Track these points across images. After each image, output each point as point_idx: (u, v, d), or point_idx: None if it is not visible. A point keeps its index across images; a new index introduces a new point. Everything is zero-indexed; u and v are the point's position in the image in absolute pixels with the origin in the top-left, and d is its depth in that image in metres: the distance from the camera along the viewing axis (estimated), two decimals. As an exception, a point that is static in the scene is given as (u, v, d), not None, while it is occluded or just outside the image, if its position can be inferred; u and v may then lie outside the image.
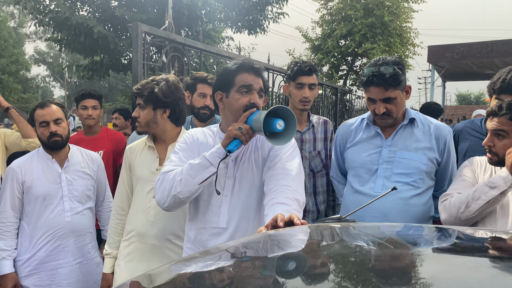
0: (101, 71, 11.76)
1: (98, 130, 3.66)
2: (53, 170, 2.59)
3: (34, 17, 10.44)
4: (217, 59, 4.81)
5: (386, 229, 1.15)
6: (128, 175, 2.27)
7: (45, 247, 2.51)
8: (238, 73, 1.72)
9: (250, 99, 1.69)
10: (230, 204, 1.71)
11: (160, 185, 1.69)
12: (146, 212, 2.13)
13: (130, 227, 2.19)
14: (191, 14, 9.99)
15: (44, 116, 2.55)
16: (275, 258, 0.90)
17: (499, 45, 14.54)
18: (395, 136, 2.16)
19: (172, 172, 1.70)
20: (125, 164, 2.28)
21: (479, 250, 0.92)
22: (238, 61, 1.78)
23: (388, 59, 2.06)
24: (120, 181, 2.31)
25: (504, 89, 2.16)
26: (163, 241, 2.12)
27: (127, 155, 2.28)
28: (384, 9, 17.26)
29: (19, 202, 2.54)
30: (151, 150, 2.21)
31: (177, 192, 1.62)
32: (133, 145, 2.29)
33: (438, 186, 2.22)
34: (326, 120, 2.87)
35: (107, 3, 11.16)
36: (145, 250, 2.13)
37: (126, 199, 2.28)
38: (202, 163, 1.61)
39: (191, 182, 1.60)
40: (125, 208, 2.28)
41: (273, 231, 1.12)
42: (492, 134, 1.80)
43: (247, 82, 1.70)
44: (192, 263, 0.92)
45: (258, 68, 1.76)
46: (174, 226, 2.13)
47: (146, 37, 3.45)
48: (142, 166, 2.19)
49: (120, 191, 2.30)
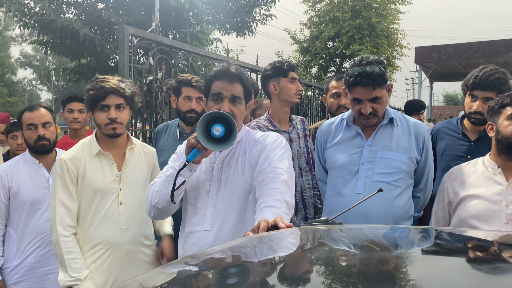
0: (88, 74, 11.67)
1: (84, 134, 3.62)
2: (40, 175, 2.55)
3: (19, 20, 10.32)
4: (205, 61, 4.79)
5: (373, 231, 1.15)
6: (74, 189, 2.07)
7: (34, 253, 2.47)
8: (213, 80, 1.75)
9: (220, 107, 1.72)
10: (214, 207, 1.72)
11: (147, 197, 1.78)
12: (116, 221, 2.09)
13: (96, 240, 2.06)
14: (178, 16, 9.97)
15: (33, 119, 2.51)
16: (261, 262, 0.89)
17: (484, 45, 14.80)
18: (376, 136, 2.17)
19: (154, 183, 1.77)
20: (69, 177, 2.06)
21: (464, 251, 0.93)
22: (218, 67, 1.78)
23: (371, 58, 2.05)
24: (62, 196, 2.05)
25: (476, 85, 2.25)
26: (136, 245, 2.14)
27: (68, 167, 2.06)
28: (372, 11, 17.43)
29: (5, 208, 2.49)
30: (103, 157, 2.12)
31: (155, 203, 1.71)
32: (71, 155, 2.09)
33: (416, 184, 2.24)
34: (303, 119, 2.98)
35: (93, 5, 11.09)
36: (117, 258, 2.09)
37: (75, 215, 2.08)
38: (172, 173, 1.66)
39: (165, 192, 1.67)
40: (75, 225, 2.08)
41: (260, 234, 1.11)
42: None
43: (217, 90, 1.73)
44: (173, 268, 0.91)
45: (234, 74, 1.74)
46: (144, 229, 2.19)
47: (133, 40, 3.42)
48: (98, 176, 2.08)
49: (67, 207, 2.05)
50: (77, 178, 2.08)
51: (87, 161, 2.09)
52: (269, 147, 1.74)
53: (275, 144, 1.74)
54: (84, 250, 2.07)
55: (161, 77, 3.74)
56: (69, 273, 1.98)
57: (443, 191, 2.05)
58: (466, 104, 2.35)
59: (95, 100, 2.05)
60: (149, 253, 2.23)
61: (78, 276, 1.98)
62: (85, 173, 2.08)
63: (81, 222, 2.09)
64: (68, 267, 1.99)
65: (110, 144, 2.15)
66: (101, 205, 2.08)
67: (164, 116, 3.91)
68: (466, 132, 2.42)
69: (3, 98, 31.07)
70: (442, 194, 2.06)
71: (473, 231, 1.22)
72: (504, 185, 1.83)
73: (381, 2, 17.82)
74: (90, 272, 2.04)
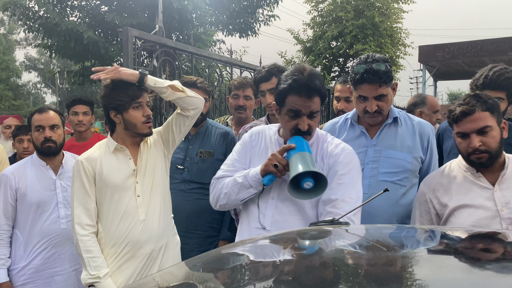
0: (92, 77, 11.70)
1: (89, 136, 3.63)
2: (47, 177, 2.57)
3: (24, 24, 10.38)
4: (209, 63, 4.80)
5: (379, 231, 1.15)
6: (92, 188, 2.09)
7: (40, 255, 2.49)
8: (289, 93, 1.67)
9: (297, 123, 1.69)
10: (276, 207, 1.73)
11: (212, 190, 1.89)
12: (136, 214, 2.09)
13: (117, 238, 2.07)
14: (181, 18, 9.99)
15: (41, 121, 2.53)
16: (267, 263, 0.89)
17: (488, 44, 14.70)
18: (380, 135, 2.16)
19: (221, 180, 1.85)
20: (85, 176, 2.08)
21: (473, 251, 0.93)
22: (292, 75, 1.68)
23: (377, 56, 2.05)
24: (80, 196, 2.08)
25: (486, 85, 2.23)
26: (157, 242, 2.15)
27: (84, 167, 2.08)
28: (375, 10, 17.38)
29: (12, 210, 2.51)
30: (120, 153, 2.13)
31: (224, 203, 1.82)
32: (88, 156, 2.12)
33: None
34: None
35: (97, 8, 11.13)
36: (139, 255, 2.09)
37: (94, 215, 2.10)
38: (243, 183, 1.73)
39: (234, 198, 1.76)
40: (94, 224, 2.10)
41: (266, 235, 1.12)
42: (476, 134, 1.74)
43: (295, 107, 1.66)
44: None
45: (312, 88, 1.65)
46: (164, 222, 2.20)
47: (137, 42, 3.43)
48: (114, 173, 2.08)
49: (84, 207, 2.07)
50: (94, 177, 2.09)
51: (103, 160, 2.10)
52: (341, 170, 1.71)
53: (348, 168, 1.72)
54: (107, 249, 2.08)
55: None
56: (88, 271, 2.01)
57: (426, 203, 1.93)
58: None
59: (131, 100, 2.04)
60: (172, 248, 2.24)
61: (98, 274, 2.00)
62: (102, 171, 2.08)
63: (103, 220, 2.10)
64: (88, 265, 2.02)
65: (127, 141, 2.15)
66: (121, 201, 2.08)
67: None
68: None
69: (8, 102, 31.23)
70: (425, 207, 1.93)
71: (479, 230, 1.21)
72: (491, 189, 1.77)
73: (384, 2, 17.76)
74: (111, 270, 2.05)
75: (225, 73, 4.97)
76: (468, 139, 1.76)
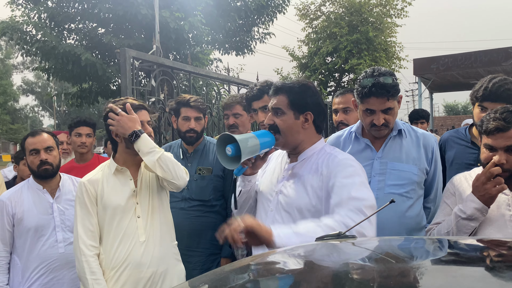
0: (90, 98, 11.75)
1: (89, 158, 3.62)
2: (44, 201, 2.53)
3: (21, 48, 10.46)
4: (206, 81, 4.83)
5: (387, 243, 1.13)
6: (94, 209, 2.10)
7: (39, 281, 2.43)
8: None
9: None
10: (273, 218, 1.76)
11: None
12: (136, 236, 2.07)
13: (117, 260, 2.05)
14: (178, 38, 10.09)
15: (35, 144, 2.51)
16: (274, 278, 0.87)
17: (481, 55, 14.87)
18: (385, 148, 2.16)
19: None
20: (88, 198, 2.09)
21: (483, 261, 0.91)
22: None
23: (383, 69, 2.07)
24: (83, 217, 2.08)
25: (486, 97, 2.22)
26: (159, 264, 2.11)
27: (86, 188, 2.09)
28: (368, 25, 17.62)
29: (9, 235, 2.47)
30: (121, 175, 2.13)
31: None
32: (90, 178, 2.14)
33: (426, 195, 2.23)
34: None
35: (94, 30, 11.24)
36: (140, 278, 2.06)
37: (97, 236, 2.10)
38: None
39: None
40: (98, 245, 2.09)
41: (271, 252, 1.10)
42: (504, 151, 1.70)
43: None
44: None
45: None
46: (165, 243, 2.18)
47: (134, 62, 3.45)
48: (115, 195, 2.08)
49: (88, 228, 2.07)
50: (96, 198, 2.10)
51: (105, 181, 2.11)
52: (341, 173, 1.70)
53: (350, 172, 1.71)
54: (107, 271, 2.06)
55: (163, 98, 3.76)
56: None
57: (452, 196, 1.95)
58: (476, 114, 2.33)
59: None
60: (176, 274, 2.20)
61: None
62: (103, 193, 2.09)
63: (104, 242, 2.09)
64: (90, 285, 1.99)
65: (129, 162, 2.15)
66: (121, 223, 2.07)
67: (168, 137, 3.91)
68: (475, 140, 2.41)
69: (5, 126, 31.30)
70: (452, 199, 1.95)
71: (489, 240, 1.19)
72: (508, 195, 1.76)
73: (377, 16, 18.02)
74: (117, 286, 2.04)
75: (223, 91, 4.99)
76: (495, 153, 1.74)
